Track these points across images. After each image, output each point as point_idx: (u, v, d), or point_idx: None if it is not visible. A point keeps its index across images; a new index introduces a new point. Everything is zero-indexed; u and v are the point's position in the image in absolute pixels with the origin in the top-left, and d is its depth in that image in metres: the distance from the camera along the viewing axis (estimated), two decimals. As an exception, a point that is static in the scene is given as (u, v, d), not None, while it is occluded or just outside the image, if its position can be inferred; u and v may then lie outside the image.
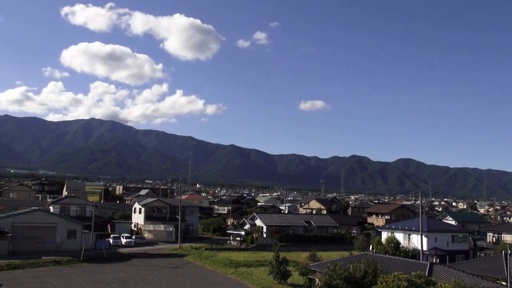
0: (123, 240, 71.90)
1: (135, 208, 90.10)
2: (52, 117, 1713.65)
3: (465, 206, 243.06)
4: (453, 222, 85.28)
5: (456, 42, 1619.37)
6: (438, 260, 55.43)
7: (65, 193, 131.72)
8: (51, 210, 73.84)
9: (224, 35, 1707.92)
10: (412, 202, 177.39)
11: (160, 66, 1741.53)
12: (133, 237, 75.01)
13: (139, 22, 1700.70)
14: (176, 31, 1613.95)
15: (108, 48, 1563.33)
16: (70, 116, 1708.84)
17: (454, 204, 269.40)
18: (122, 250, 66.79)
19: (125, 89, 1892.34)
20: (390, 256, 47.11)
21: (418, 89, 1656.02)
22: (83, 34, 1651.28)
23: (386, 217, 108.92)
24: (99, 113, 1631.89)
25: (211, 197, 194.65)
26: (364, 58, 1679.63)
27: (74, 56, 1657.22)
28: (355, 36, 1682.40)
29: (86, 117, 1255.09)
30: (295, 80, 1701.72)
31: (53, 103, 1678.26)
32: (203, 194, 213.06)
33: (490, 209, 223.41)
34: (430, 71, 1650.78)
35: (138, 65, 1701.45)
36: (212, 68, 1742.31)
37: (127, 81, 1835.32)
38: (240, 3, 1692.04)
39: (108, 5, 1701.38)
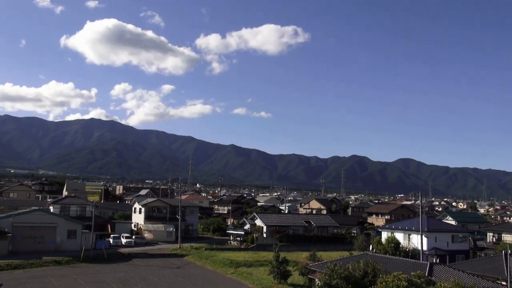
0: (123, 240, 71.97)
1: (135, 208, 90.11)
2: (52, 117, 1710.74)
3: (465, 206, 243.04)
4: (453, 222, 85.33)
5: (456, 41, 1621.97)
6: (438, 260, 55.48)
7: (65, 193, 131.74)
8: (51, 210, 73.90)
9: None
10: (412, 202, 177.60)
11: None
12: (133, 237, 75.07)
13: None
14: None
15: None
16: (73, 116, 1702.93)
17: (454, 204, 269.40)
18: (122, 250, 66.87)
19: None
20: (390, 256, 47.13)
21: (418, 89, 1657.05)
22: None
23: (386, 217, 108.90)
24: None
25: (211, 197, 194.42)
26: (364, 57, 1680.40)
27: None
28: (354, 34, 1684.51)
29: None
30: (294, 79, 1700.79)
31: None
32: (203, 194, 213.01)
33: (490, 209, 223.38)
34: (430, 70, 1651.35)
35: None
36: (214, 68, 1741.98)
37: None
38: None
39: None
